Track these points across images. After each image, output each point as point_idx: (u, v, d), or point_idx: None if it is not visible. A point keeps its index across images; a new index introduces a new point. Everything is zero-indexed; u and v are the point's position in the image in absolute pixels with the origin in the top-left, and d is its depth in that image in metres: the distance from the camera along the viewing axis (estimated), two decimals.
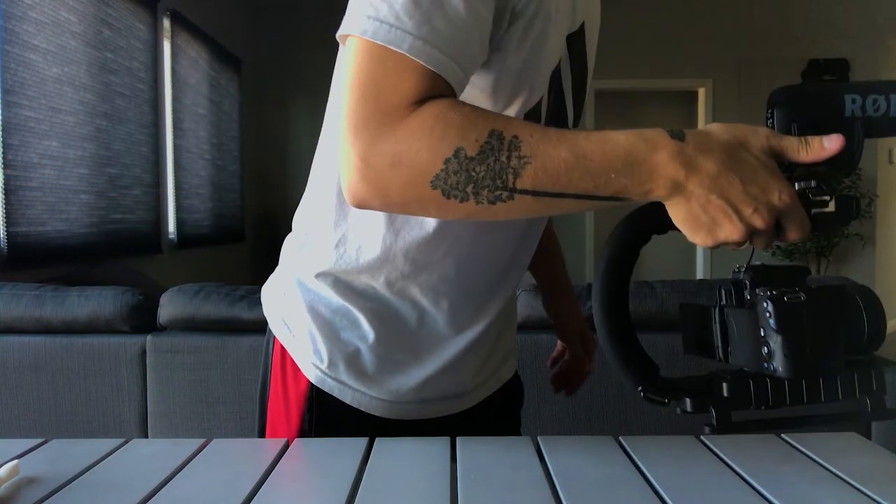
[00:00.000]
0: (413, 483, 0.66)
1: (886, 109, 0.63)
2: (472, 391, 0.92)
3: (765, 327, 0.61)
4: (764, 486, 0.64)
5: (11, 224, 2.71)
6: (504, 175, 0.60)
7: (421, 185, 0.62)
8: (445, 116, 0.62)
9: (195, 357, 1.92)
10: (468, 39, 0.65)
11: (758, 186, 0.58)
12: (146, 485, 0.64)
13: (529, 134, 0.61)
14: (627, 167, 0.60)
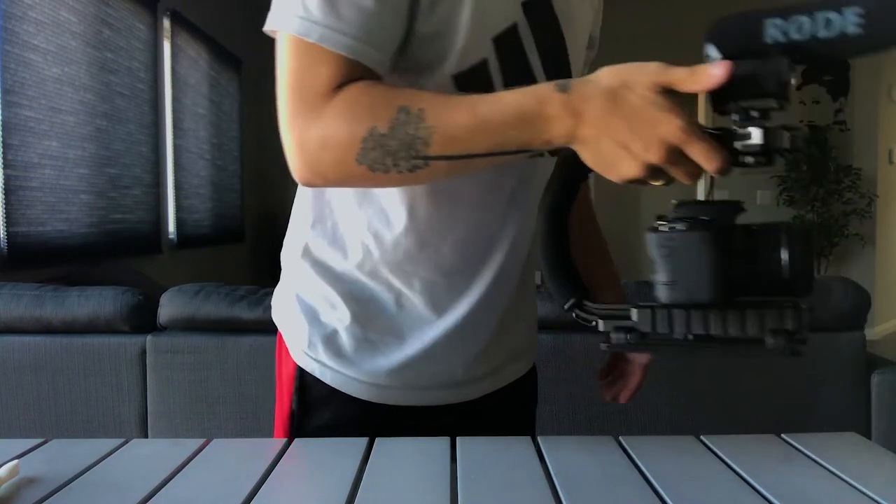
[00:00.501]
0: (413, 483, 0.66)
1: (812, 30, 0.59)
2: (466, 384, 0.90)
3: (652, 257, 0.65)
4: (764, 486, 0.64)
5: (11, 224, 2.71)
6: (415, 145, 0.67)
7: (349, 162, 0.69)
8: (357, 99, 0.69)
9: (195, 357, 1.92)
10: (379, 20, 0.70)
11: (644, 123, 0.61)
12: (146, 485, 0.64)
13: (433, 104, 0.67)
14: (523, 123, 0.65)
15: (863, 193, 5.59)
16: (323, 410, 0.87)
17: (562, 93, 0.64)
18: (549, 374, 1.90)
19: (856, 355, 1.90)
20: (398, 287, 0.85)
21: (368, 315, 0.85)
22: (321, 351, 0.86)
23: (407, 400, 0.87)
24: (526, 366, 1.00)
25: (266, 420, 2.03)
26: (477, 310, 0.87)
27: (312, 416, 0.87)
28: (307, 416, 0.87)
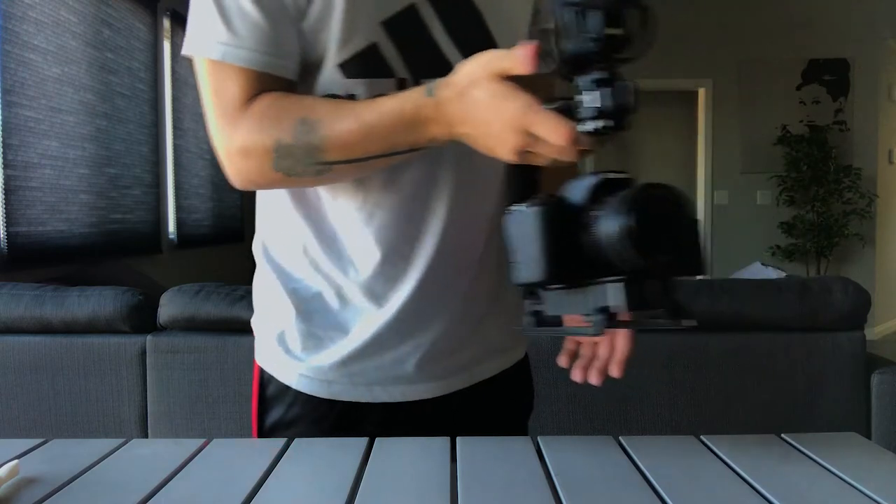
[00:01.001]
0: (413, 483, 0.66)
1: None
2: (422, 381, 0.88)
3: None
4: (764, 486, 0.64)
5: (11, 224, 2.71)
6: (315, 153, 0.73)
7: (268, 169, 0.76)
8: (265, 112, 0.75)
9: (195, 357, 1.92)
10: (270, 30, 0.75)
11: (492, 113, 0.64)
12: (146, 485, 0.64)
13: (327, 114, 0.73)
14: (404, 127, 0.70)
15: (863, 193, 5.59)
16: (278, 407, 0.89)
17: (429, 97, 0.69)
18: (549, 374, 1.90)
19: (856, 355, 1.90)
20: (335, 278, 0.85)
21: (313, 310, 0.87)
22: (273, 348, 0.89)
23: (356, 396, 0.87)
24: (506, 362, 0.97)
25: None
26: (415, 301, 0.85)
27: (270, 414, 0.89)
28: (265, 413, 0.90)
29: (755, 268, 3.46)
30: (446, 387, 0.90)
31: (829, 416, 1.89)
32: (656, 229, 0.57)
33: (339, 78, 0.79)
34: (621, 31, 0.57)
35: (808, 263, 5.72)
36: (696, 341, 1.91)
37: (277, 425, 0.89)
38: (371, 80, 0.79)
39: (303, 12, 0.76)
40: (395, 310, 0.85)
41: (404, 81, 0.80)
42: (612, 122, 0.58)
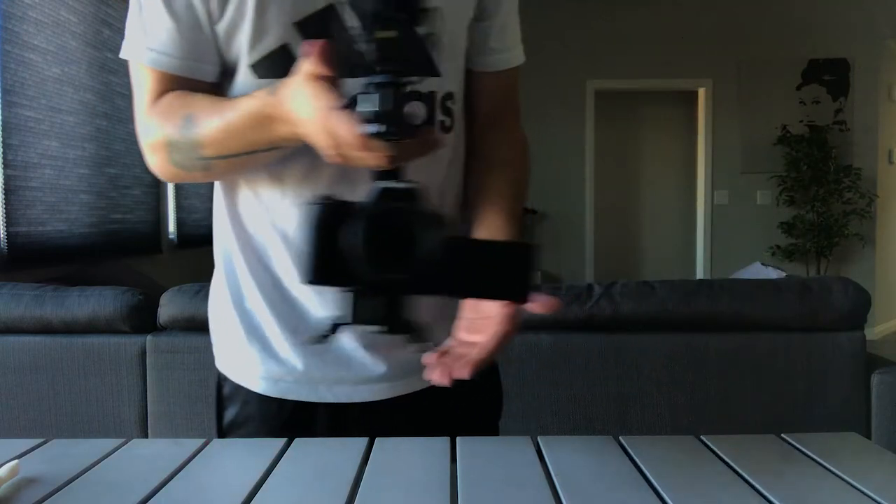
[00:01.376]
0: (413, 483, 0.66)
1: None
2: (372, 381, 0.87)
3: None
4: (764, 486, 0.64)
5: (11, 224, 2.71)
6: (196, 147, 0.77)
7: (168, 164, 0.80)
8: (161, 110, 0.79)
9: (195, 357, 1.92)
10: (178, 33, 0.78)
11: (307, 113, 0.64)
12: (146, 485, 0.64)
13: (203, 111, 0.76)
14: (258, 125, 0.71)
15: (863, 193, 5.59)
16: (232, 407, 0.90)
17: (272, 96, 0.69)
18: (549, 374, 1.90)
19: (856, 355, 1.90)
20: (276, 275, 0.86)
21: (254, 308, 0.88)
22: (223, 349, 0.91)
23: (303, 395, 0.87)
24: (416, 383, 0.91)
25: None
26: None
27: (226, 412, 0.91)
28: (223, 411, 0.91)
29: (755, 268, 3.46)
30: (395, 388, 0.89)
31: (829, 416, 1.89)
32: (388, 247, 0.56)
33: (252, 79, 0.80)
34: (392, 34, 0.56)
35: (808, 263, 5.73)
36: (696, 341, 1.91)
37: (232, 424, 0.90)
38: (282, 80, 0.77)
39: (216, 16, 0.78)
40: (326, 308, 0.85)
41: None
42: (384, 127, 0.57)
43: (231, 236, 0.89)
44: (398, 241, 0.57)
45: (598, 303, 1.90)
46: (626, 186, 6.52)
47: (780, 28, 5.80)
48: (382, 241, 0.56)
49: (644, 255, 6.60)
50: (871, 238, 5.76)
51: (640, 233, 6.62)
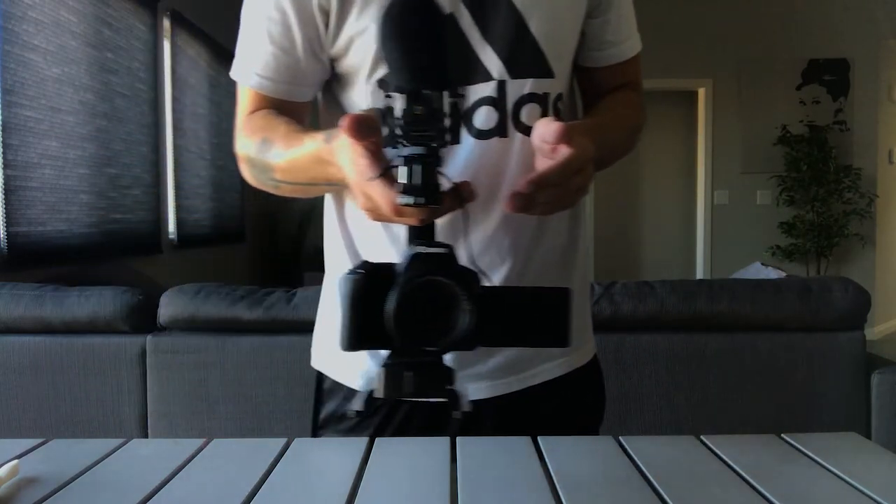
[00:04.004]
0: (413, 483, 0.66)
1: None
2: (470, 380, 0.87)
3: None
4: (764, 486, 0.64)
5: (11, 224, 2.71)
6: (268, 170, 0.83)
7: (252, 177, 0.88)
8: (248, 128, 0.87)
9: (195, 357, 1.92)
10: (275, 57, 0.84)
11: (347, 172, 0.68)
12: (146, 485, 0.64)
13: (278, 138, 0.82)
14: (317, 165, 0.76)
15: (863, 193, 5.59)
16: (332, 402, 0.92)
17: (326, 143, 0.73)
18: None
19: (856, 355, 1.90)
20: None
21: None
22: (326, 347, 0.94)
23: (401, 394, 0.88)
24: (565, 367, 0.93)
25: (266, 420, 2.04)
26: None
27: (325, 407, 0.93)
28: (321, 406, 0.93)
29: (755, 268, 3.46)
30: (494, 388, 0.89)
31: (829, 416, 1.89)
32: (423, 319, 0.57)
33: (380, 93, 0.83)
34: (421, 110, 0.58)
35: (808, 263, 5.73)
36: (696, 341, 1.91)
37: (331, 418, 0.92)
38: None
39: (332, 35, 0.82)
40: None
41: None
42: (412, 198, 0.59)
43: (339, 237, 0.93)
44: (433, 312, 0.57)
45: (597, 303, 1.90)
46: (626, 186, 6.52)
47: (780, 28, 5.79)
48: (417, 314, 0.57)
49: (644, 255, 6.60)
50: (871, 238, 5.76)
51: (640, 233, 6.62)
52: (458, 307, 0.57)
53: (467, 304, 0.57)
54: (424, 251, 0.61)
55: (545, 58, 0.84)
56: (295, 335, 1.91)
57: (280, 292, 1.97)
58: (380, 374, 0.60)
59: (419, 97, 0.59)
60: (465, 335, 0.58)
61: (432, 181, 0.59)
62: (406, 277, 0.58)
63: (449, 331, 0.57)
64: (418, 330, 0.57)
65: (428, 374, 0.60)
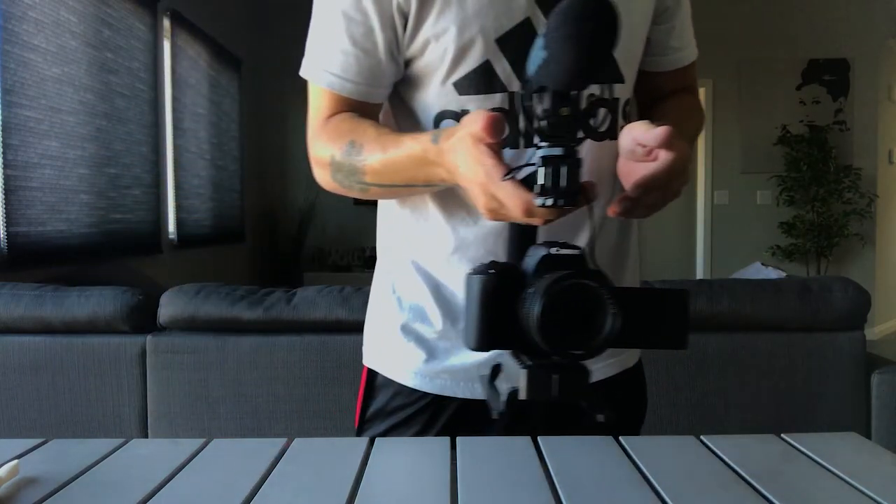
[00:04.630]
0: (413, 483, 0.66)
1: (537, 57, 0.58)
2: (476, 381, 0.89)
3: None
4: (764, 486, 0.64)
5: (11, 224, 2.71)
6: (357, 173, 0.82)
7: (330, 179, 0.86)
8: (330, 131, 0.85)
9: (195, 357, 1.92)
10: (355, 58, 0.83)
11: (468, 172, 0.67)
12: (146, 485, 0.64)
13: (369, 141, 0.81)
14: (417, 166, 0.76)
15: (863, 193, 5.59)
16: (381, 397, 0.93)
17: (434, 144, 0.73)
18: None
19: (856, 355, 1.90)
20: (436, 279, 0.89)
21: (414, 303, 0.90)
22: (377, 344, 0.95)
23: (458, 392, 0.89)
24: (614, 369, 0.93)
25: (266, 420, 2.04)
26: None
27: (374, 401, 0.94)
28: (370, 400, 0.94)
29: (755, 268, 3.46)
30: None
31: (829, 416, 1.89)
32: (569, 322, 0.56)
33: (454, 95, 0.83)
34: (568, 111, 0.58)
35: (808, 263, 5.73)
36: (696, 341, 1.91)
37: (379, 413, 0.93)
38: (483, 95, 0.82)
39: (408, 42, 0.82)
40: None
41: (514, 95, 0.82)
42: (552, 199, 0.59)
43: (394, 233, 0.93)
44: (578, 316, 0.56)
45: None
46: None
47: (780, 28, 5.79)
48: (562, 317, 0.56)
49: (644, 255, 6.59)
50: (871, 238, 5.76)
51: (640, 232, 6.61)
52: (604, 310, 0.57)
53: (612, 306, 0.57)
54: (557, 252, 0.60)
55: (616, 63, 0.85)
56: (295, 335, 1.91)
57: (280, 292, 1.97)
58: (524, 375, 0.59)
59: (566, 98, 0.58)
60: (610, 338, 0.57)
61: (576, 183, 0.58)
62: (551, 280, 0.56)
63: (595, 334, 0.57)
64: (563, 334, 0.56)
65: (572, 378, 0.59)
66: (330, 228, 6.18)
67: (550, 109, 0.58)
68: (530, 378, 0.59)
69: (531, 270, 0.60)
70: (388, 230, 0.95)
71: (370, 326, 0.98)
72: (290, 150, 6.26)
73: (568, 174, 0.58)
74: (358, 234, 6.14)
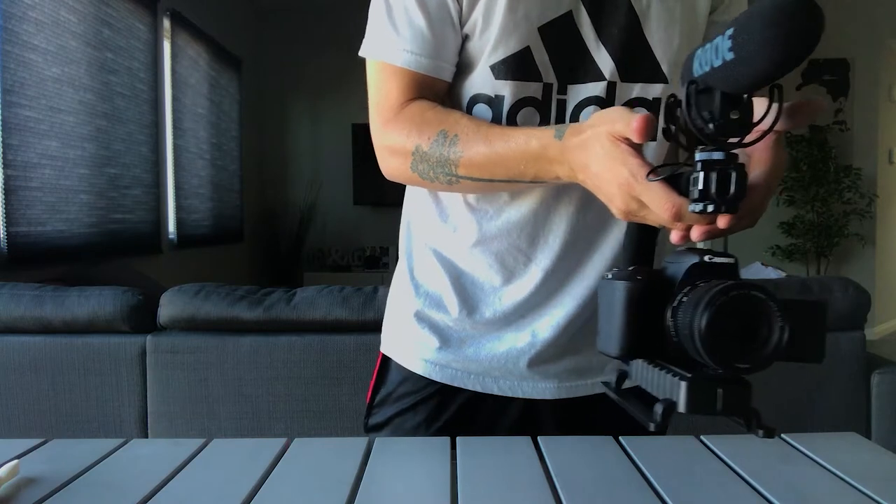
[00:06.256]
0: (413, 483, 0.66)
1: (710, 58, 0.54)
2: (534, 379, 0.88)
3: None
4: (764, 486, 0.64)
5: (11, 224, 2.71)
6: (448, 165, 0.78)
7: (406, 169, 0.82)
8: (413, 118, 0.81)
9: (195, 357, 1.92)
10: (431, 32, 0.80)
11: (604, 172, 0.65)
12: (146, 485, 0.64)
13: (466, 132, 0.77)
14: (530, 161, 0.73)
15: (863, 193, 5.58)
16: (391, 382, 0.93)
17: (557, 139, 0.70)
18: None
19: (856, 355, 1.90)
20: (458, 267, 0.89)
21: (432, 291, 0.90)
22: (397, 333, 0.94)
23: (468, 384, 0.88)
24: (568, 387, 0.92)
25: (266, 420, 2.04)
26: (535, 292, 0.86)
27: (384, 385, 0.94)
28: (381, 384, 0.95)
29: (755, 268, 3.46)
30: (561, 390, 0.89)
31: (829, 416, 1.89)
32: (735, 334, 0.53)
33: (490, 78, 0.82)
34: (738, 115, 0.55)
35: (808, 263, 5.72)
36: None
37: (387, 398, 0.93)
38: (519, 82, 0.81)
39: (465, 14, 0.81)
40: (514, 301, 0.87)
41: (550, 86, 0.81)
42: (714, 206, 0.56)
43: (418, 219, 0.92)
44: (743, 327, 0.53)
45: None
46: None
47: None
48: (728, 329, 0.53)
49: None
50: (871, 238, 5.76)
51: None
52: (771, 322, 0.54)
53: (780, 318, 0.54)
54: (711, 260, 0.58)
55: (658, 62, 0.84)
56: (295, 335, 1.91)
57: (280, 292, 1.97)
58: (683, 388, 0.56)
59: (738, 101, 0.55)
60: (778, 351, 0.54)
61: (743, 191, 0.56)
62: (717, 290, 0.53)
63: (761, 347, 0.54)
64: (729, 346, 0.53)
65: (737, 392, 0.56)
66: (330, 228, 6.18)
67: (719, 112, 0.55)
68: (691, 391, 0.55)
69: (679, 278, 0.57)
70: (414, 216, 0.94)
71: (388, 311, 0.98)
72: (290, 149, 6.26)
73: (737, 181, 0.55)
74: (358, 234, 6.14)
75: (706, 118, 0.55)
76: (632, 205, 0.63)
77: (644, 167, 0.61)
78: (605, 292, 0.61)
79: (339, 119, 6.03)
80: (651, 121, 0.60)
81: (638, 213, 0.63)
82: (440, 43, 0.81)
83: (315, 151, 6.27)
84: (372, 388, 0.96)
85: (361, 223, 6.11)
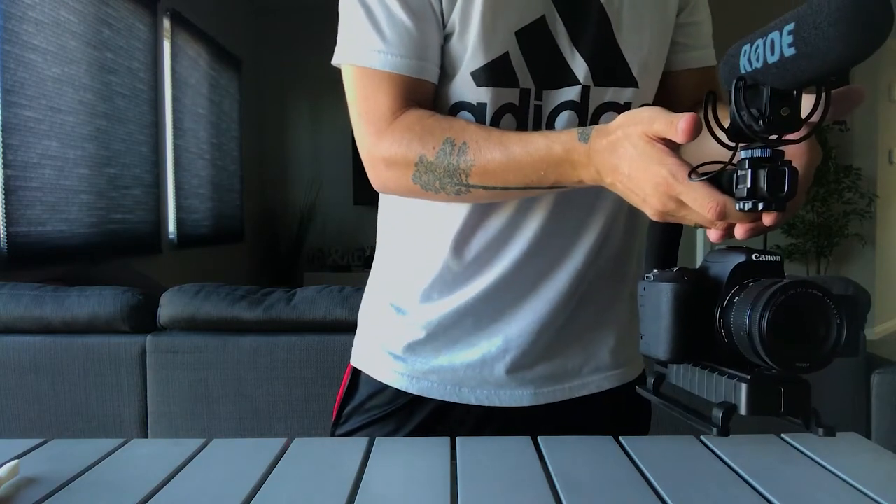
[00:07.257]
0: (413, 483, 0.66)
1: (764, 54, 0.53)
2: (511, 387, 0.87)
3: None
4: (764, 486, 0.64)
5: (11, 224, 2.71)
6: (457, 174, 0.75)
7: (406, 181, 0.78)
8: (411, 127, 0.77)
9: (195, 357, 1.92)
10: (419, 34, 0.78)
11: (639, 173, 0.62)
12: (146, 485, 0.64)
13: (475, 139, 0.74)
14: (551, 166, 0.70)
15: (863, 193, 5.58)
16: (360, 393, 0.91)
17: (582, 142, 0.68)
18: None
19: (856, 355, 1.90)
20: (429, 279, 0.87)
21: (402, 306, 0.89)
22: (368, 347, 0.93)
23: (444, 395, 0.87)
24: (613, 381, 0.91)
25: (266, 420, 2.04)
26: (496, 291, 0.85)
27: (353, 398, 0.92)
28: (350, 398, 0.92)
29: None
30: (538, 396, 0.88)
31: (830, 416, 1.89)
32: (794, 334, 0.52)
33: (471, 85, 0.80)
34: (789, 111, 0.54)
35: (808, 263, 5.72)
36: None
37: (356, 410, 0.91)
38: (498, 88, 0.79)
39: (447, 14, 0.78)
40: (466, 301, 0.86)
41: (528, 92, 0.80)
42: (761, 203, 0.55)
43: (391, 230, 0.91)
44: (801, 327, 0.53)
45: None
46: None
47: None
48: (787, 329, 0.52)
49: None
50: (871, 238, 5.76)
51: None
52: (829, 320, 0.53)
53: (837, 317, 0.53)
54: (758, 259, 0.57)
55: (629, 67, 0.83)
56: (295, 335, 1.91)
57: (280, 292, 1.97)
58: (744, 390, 0.55)
59: (788, 97, 0.54)
60: (837, 349, 0.53)
61: (794, 189, 0.54)
62: (775, 289, 0.52)
63: (821, 345, 0.53)
64: (790, 347, 0.52)
65: (798, 392, 0.55)
66: (330, 228, 6.18)
67: (769, 109, 0.54)
68: (753, 393, 0.54)
69: (725, 277, 0.57)
70: (387, 225, 0.93)
71: (360, 323, 0.96)
72: (290, 149, 6.26)
73: (790, 179, 0.54)
74: (358, 234, 6.14)
75: (755, 115, 0.54)
76: (669, 205, 0.61)
77: (683, 166, 0.59)
78: (650, 294, 0.60)
79: (340, 119, 6.02)
80: (698, 121, 0.58)
81: (676, 214, 0.62)
82: (426, 42, 0.79)
83: (315, 151, 6.27)
84: (340, 401, 0.94)
85: (361, 223, 6.11)
